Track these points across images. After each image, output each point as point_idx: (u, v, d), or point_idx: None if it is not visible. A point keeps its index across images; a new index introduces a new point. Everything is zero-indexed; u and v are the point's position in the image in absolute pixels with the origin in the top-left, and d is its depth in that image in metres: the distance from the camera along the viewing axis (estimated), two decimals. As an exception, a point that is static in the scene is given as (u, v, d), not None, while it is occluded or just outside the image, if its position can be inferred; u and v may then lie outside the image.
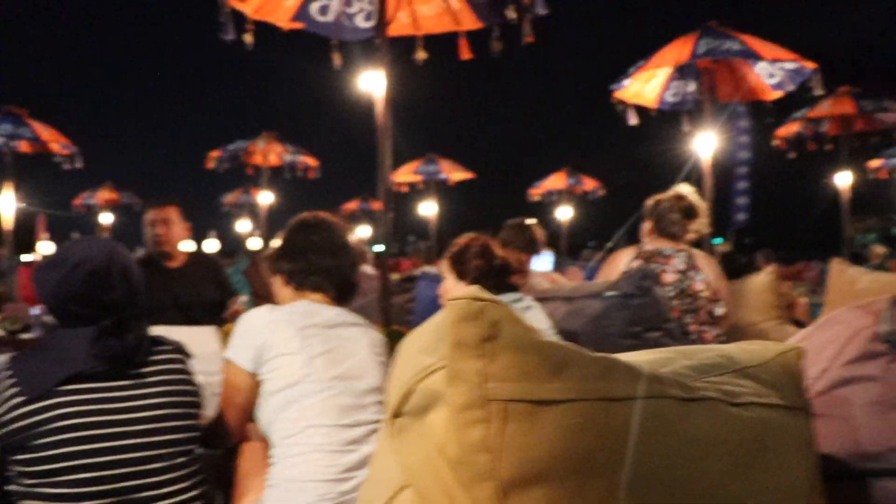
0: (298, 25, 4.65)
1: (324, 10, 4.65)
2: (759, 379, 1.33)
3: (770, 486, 1.09)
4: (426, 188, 14.45)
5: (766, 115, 7.39)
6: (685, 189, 4.13)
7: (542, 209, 17.23)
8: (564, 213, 16.45)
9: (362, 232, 20.04)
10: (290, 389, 2.19)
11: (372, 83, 4.28)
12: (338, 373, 2.22)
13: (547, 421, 0.88)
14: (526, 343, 0.90)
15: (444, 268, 3.10)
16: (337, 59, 4.64)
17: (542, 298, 3.36)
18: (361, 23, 4.76)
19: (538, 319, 3.07)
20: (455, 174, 14.05)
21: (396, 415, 1.03)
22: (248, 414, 2.36)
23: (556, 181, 15.78)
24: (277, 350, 2.21)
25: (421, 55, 4.69)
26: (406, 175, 13.75)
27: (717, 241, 18.08)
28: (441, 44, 4.79)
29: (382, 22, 4.24)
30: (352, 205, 18.67)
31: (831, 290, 7.05)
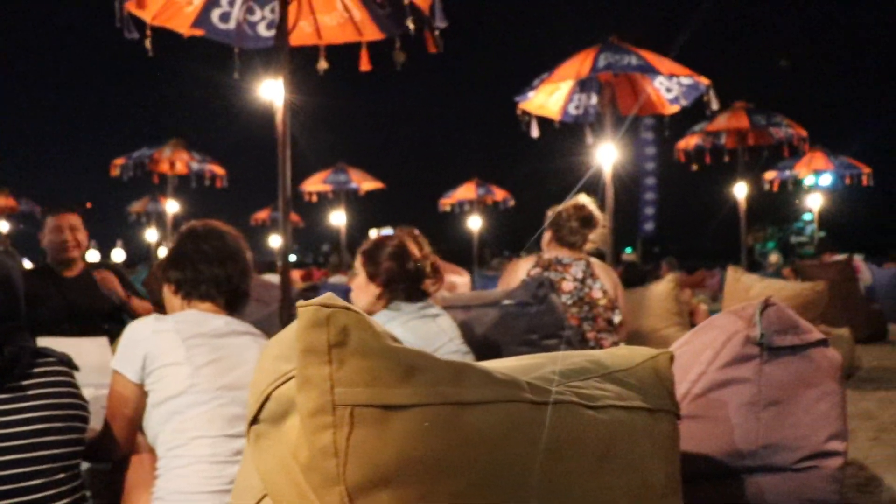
0: (198, 32, 4.58)
1: (225, 17, 4.59)
2: (624, 383, 1.38)
3: (623, 487, 1.13)
4: (336, 198, 14.38)
5: (664, 128, 7.65)
6: (584, 199, 4.22)
7: (453, 219, 17.38)
8: (475, 223, 16.65)
9: (273, 242, 19.77)
10: (176, 400, 2.15)
11: (273, 92, 4.25)
12: (225, 382, 2.20)
13: (395, 426, 0.89)
14: (375, 348, 0.91)
15: (357, 264, 3.01)
16: (238, 68, 4.60)
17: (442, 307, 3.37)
18: (264, 31, 4.72)
19: (446, 328, 3.01)
20: (365, 184, 14.03)
21: (254, 421, 1.03)
22: (136, 426, 2.31)
23: (466, 191, 15.96)
24: (162, 360, 2.17)
25: (323, 65, 4.68)
26: (315, 185, 13.67)
27: (628, 250, 18.58)
28: (351, 54, 4.79)
29: (284, 30, 4.22)
30: (262, 214, 18.43)
31: (727, 296, 7.35)
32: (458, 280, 4.78)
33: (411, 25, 4.04)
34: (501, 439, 0.97)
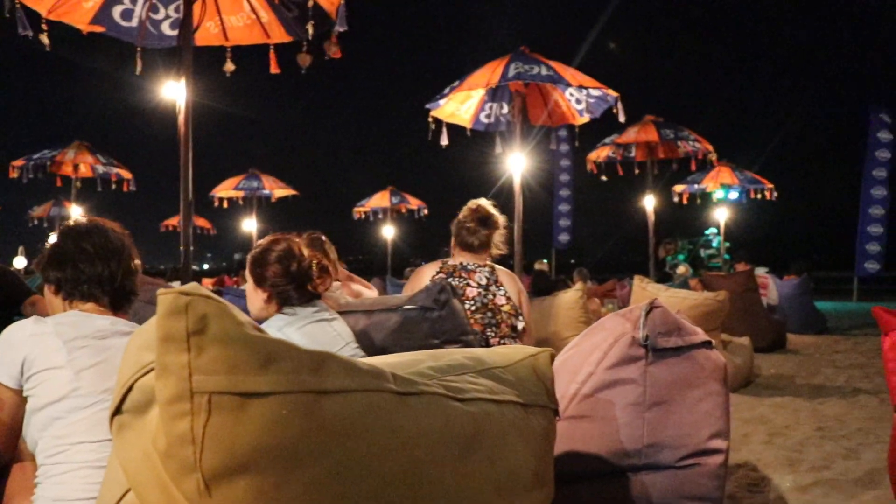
0: (99, 29, 4.44)
1: (127, 14, 4.47)
2: (500, 378, 1.39)
3: (488, 476, 1.14)
4: (247, 204, 14.11)
5: (575, 139, 7.79)
6: (482, 201, 4.23)
7: (367, 227, 17.32)
8: (388, 232, 16.64)
9: (185, 248, 19.28)
10: (56, 405, 2.07)
11: (176, 92, 4.15)
12: (109, 386, 2.12)
13: (254, 413, 0.89)
14: (234, 336, 0.90)
15: (246, 271, 2.97)
16: (139, 67, 4.47)
17: (343, 311, 3.34)
18: (168, 30, 4.61)
19: (342, 332, 3.00)
20: (278, 190, 13.78)
21: (117, 412, 1.00)
22: (15, 433, 2.21)
23: (380, 200, 15.91)
24: (41, 364, 2.08)
25: (229, 66, 4.59)
26: (227, 190, 13.37)
27: (545, 261, 18.81)
28: (264, 58, 4.71)
29: (188, 29, 4.12)
30: (172, 220, 17.94)
31: (633, 304, 7.52)
32: (366, 291, 4.74)
33: (311, 29, 3.99)
34: (361, 428, 0.97)
